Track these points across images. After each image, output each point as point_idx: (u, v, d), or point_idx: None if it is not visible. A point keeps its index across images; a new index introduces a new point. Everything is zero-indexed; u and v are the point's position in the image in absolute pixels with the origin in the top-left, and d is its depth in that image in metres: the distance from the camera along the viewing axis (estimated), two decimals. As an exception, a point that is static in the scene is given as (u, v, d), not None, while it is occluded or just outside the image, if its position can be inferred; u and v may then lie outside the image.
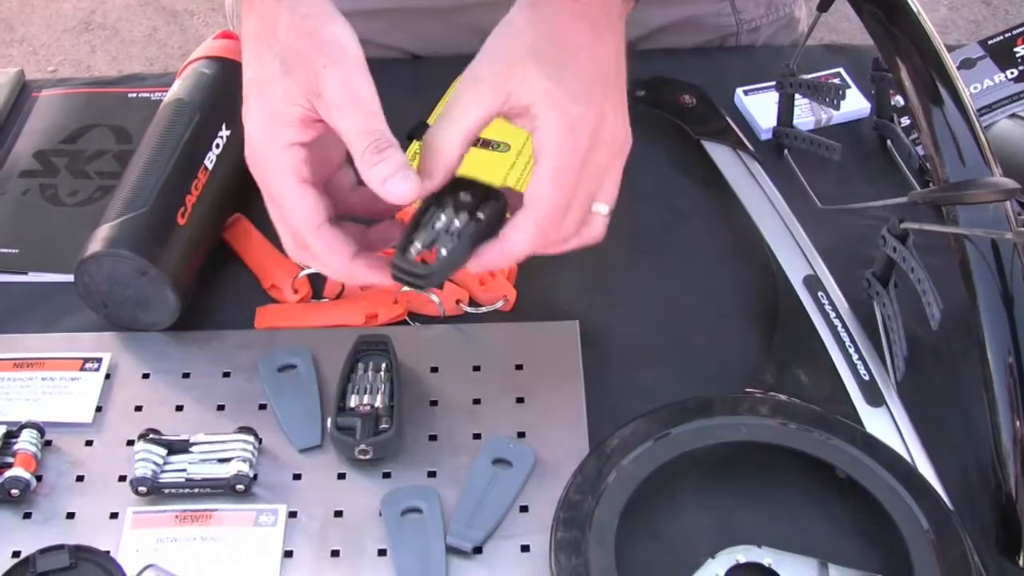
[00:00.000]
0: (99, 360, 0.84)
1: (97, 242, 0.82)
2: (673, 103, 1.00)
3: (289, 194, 0.68)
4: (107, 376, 0.83)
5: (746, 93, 1.04)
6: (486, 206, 0.69)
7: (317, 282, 0.88)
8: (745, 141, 0.97)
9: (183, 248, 0.84)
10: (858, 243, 0.89)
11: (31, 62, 2.75)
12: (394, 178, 0.65)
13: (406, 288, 0.70)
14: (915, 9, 0.87)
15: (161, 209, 0.84)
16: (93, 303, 0.85)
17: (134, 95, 1.05)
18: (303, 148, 0.68)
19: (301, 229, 0.69)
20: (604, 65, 0.69)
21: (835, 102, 0.91)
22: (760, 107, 1.02)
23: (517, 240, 0.68)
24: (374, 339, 0.81)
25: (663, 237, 0.93)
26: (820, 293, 0.84)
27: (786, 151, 0.98)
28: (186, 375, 0.83)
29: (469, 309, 0.86)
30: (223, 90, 0.93)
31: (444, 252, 0.67)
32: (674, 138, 0.99)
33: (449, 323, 0.86)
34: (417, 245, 0.68)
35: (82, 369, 0.83)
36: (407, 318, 0.86)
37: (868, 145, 1.01)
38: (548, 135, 0.66)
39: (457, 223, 0.68)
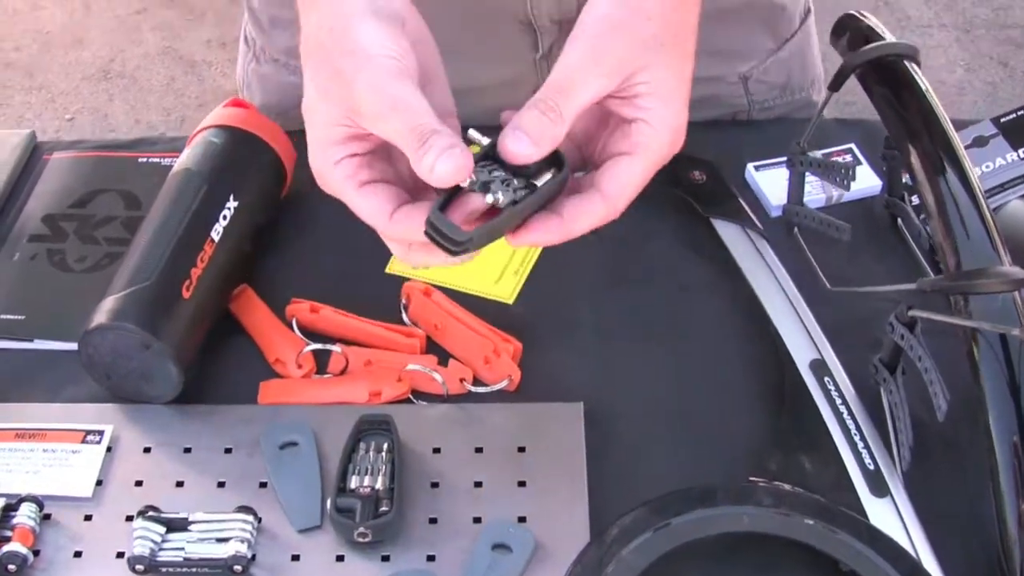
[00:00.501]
0: (101, 433, 0.83)
1: (102, 314, 0.82)
2: (684, 179, 1.00)
3: (352, 201, 0.67)
4: (108, 449, 0.83)
5: (757, 169, 1.03)
6: (547, 174, 0.65)
7: (321, 357, 0.88)
8: (754, 219, 0.96)
9: (187, 322, 0.84)
10: (867, 324, 0.88)
11: (49, 109, 2.77)
12: (439, 160, 0.61)
13: (435, 261, 0.67)
14: (925, 90, 0.86)
15: (166, 282, 0.84)
16: (97, 374, 0.85)
17: (144, 160, 1.05)
18: (356, 157, 0.67)
19: (376, 225, 0.67)
20: (692, 68, 0.69)
21: (845, 182, 0.91)
22: (771, 183, 1.02)
23: (581, 226, 0.66)
24: (376, 419, 0.81)
25: (670, 315, 0.92)
26: (826, 378, 0.83)
27: (796, 229, 0.97)
28: (187, 450, 0.83)
29: (473, 388, 0.86)
30: (232, 160, 0.93)
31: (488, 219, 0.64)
32: (684, 214, 0.99)
33: (453, 402, 0.85)
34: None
35: (83, 441, 0.83)
36: (411, 396, 0.85)
37: (879, 223, 1.00)
38: (654, 134, 0.65)
39: (509, 193, 0.64)
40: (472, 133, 0.66)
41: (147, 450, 0.83)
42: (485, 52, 0.98)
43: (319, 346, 0.87)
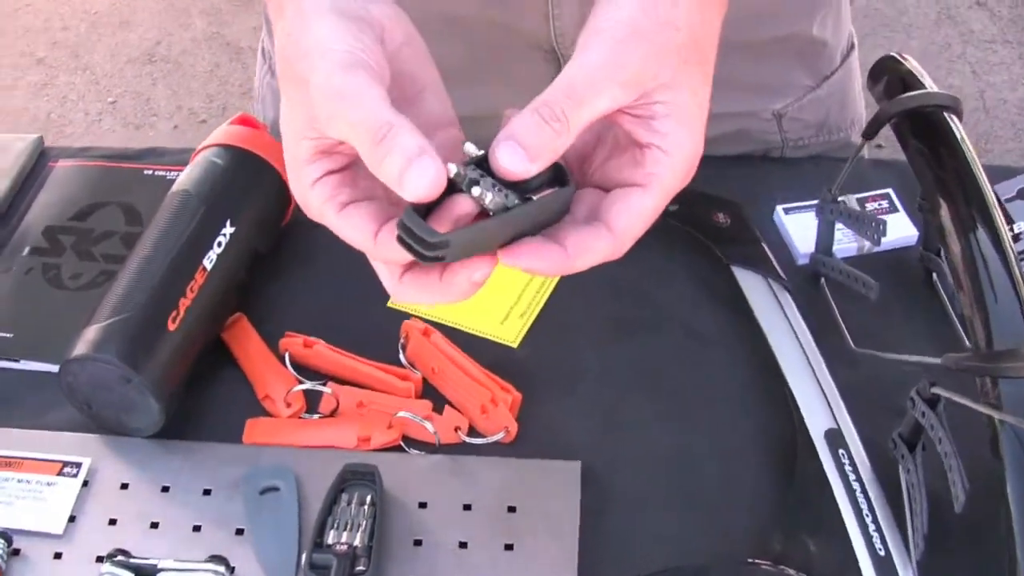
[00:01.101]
0: (78, 465, 0.80)
1: (82, 344, 0.79)
2: (706, 222, 0.95)
3: (334, 225, 0.60)
4: (85, 483, 0.80)
5: (786, 212, 0.98)
6: (545, 190, 0.58)
7: (312, 395, 0.84)
8: (778, 269, 0.91)
9: (170, 355, 0.80)
10: (891, 390, 0.82)
11: (92, 91, 2.76)
12: (409, 170, 0.53)
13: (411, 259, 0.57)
14: (963, 146, 0.81)
15: (151, 313, 0.80)
16: (77, 403, 0.82)
17: (150, 172, 1.02)
18: (334, 175, 0.60)
19: (364, 249, 0.60)
20: (709, 94, 0.62)
21: (876, 237, 0.85)
22: (800, 228, 0.97)
23: (584, 261, 0.59)
24: (361, 469, 0.77)
25: (680, 368, 0.87)
26: (841, 451, 0.78)
27: (822, 280, 0.92)
28: (166, 488, 0.79)
29: (467, 439, 0.81)
30: (232, 183, 0.89)
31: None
32: (703, 258, 0.94)
33: (445, 452, 0.81)
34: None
35: (59, 473, 0.80)
36: (402, 443, 0.81)
37: (913, 276, 0.94)
38: (669, 165, 0.58)
39: (500, 198, 0.56)
40: (468, 147, 0.57)
41: (124, 486, 0.80)
42: (506, 79, 0.93)
43: (309, 386, 0.83)
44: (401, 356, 0.86)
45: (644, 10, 0.59)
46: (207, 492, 0.79)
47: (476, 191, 0.55)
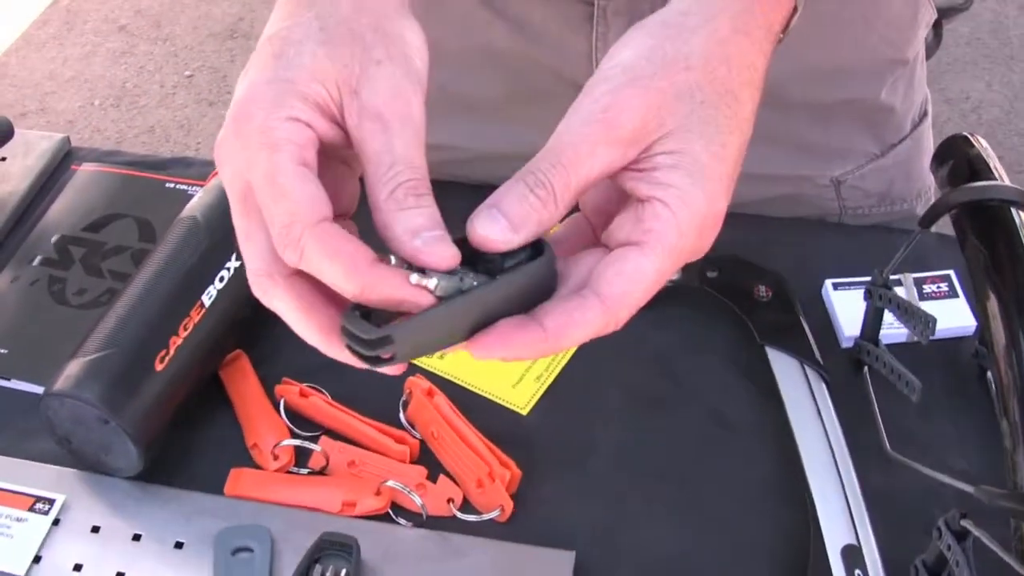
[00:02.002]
0: (51, 502, 0.77)
1: (63, 379, 0.75)
2: (745, 294, 0.88)
3: (283, 172, 0.49)
4: (56, 521, 0.76)
5: (835, 287, 0.91)
6: (518, 264, 0.51)
7: (302, 449, 0.79)
8: (816, 354, 0.84)
9: (155, 397, 0.76)
10: (923, 501, 0.76)
11: (170, 63, 2.74)
12: (428, 236, 0.48)
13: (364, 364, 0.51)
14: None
15: (138, 351, 0.76)
16: (56, 438, 0.78)
17: (171, 185, 0.98)
18: (308, 130, 0.50)
19: (298, 219, 0.48)
20: (742, 142, 0.54)
21: (924, 334, 0.78)
22: (848, 306, 0.90)
23: (570, 339, 0.51)
24: (339, 540, 0.72)
25: (697, 454, 0.81)
26: (857, 572, 0.72)
27: (865, 369, 0.85)
28: (137, 537, 0.75)
29: (459, 513, 0.76)
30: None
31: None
32: (737, 333, 0.87)
33: (433, 527, 0.76)
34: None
35: (31, 509, 0.76)
36: (390, 511, 0.76)
37: (966, 371, 0.87)
38: (671, 221, 0.50)
39: (453, 282, 0.49)
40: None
41: (95, 529, 0.76)
42: (545, 117, 0.87)
43: (298, 443, 0.79)
44: (401, 415, 0.81)
45: (650, 50, 0.52)
46: (179, 545, 0.75)
47: (415, 278, 0.49)
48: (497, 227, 0.49)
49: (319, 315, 0.51)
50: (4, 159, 1.00)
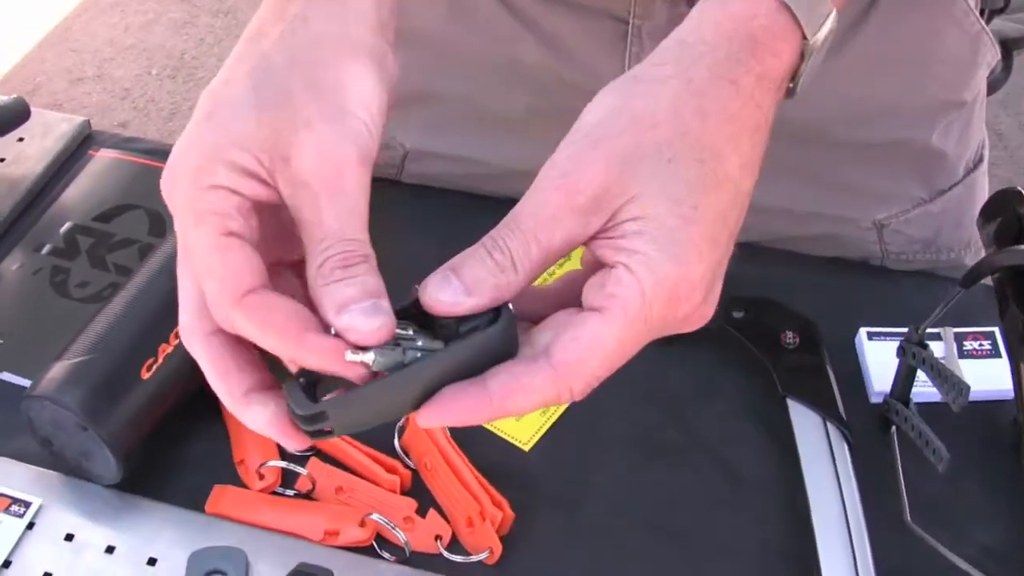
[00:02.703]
0: (27, 505, 0.74)
1: (46, 382, 0.72)
2: (770, 338, 0.83)
3: (205, 247, 0.47)
4: (30, 525, 0.73)
5: (870, 336, 0.86)
6: (475, 327, 0.47)
7: (289, 475, 0.76)
8: (840, 411, 0.79)
9: (137, 408, 0.73)
10: (943, 577, 0.72)
11: (231, 37, 2.71)
12: (357, 308, 0.45)
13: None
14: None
15: (124, 358, 0.73)
16: (38, 439, 0.75)
17: (189, 179, 0.95)
18: (236, 197, 0.47)
19: (224, 294, 0.46)
20: (740, 201, 0.50)
21: (956, 402, 0.73)
22: (881, 359, 0.85)
23: (515, 405, 0.47)
24: (314, 572, 0.69)
25: (702, 506, 0.77)
26: (860, 655, 0.67)
27: (893, 429, 0.80)
28: (110, 549, 0.72)
29: (446, 552, 0.72)
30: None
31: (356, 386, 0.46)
32: (757, 381, 0.82)
33: (416, 566, 0.72)
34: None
35: (6, 510, 0.74)
36: (374, 543, 0.73)
37: (1001, 439, 0.81)
38: (634, 287, 0.46)
39: (400, 348, 0.46)
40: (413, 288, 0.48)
41: (69, 537, 0.73)
42: (564, 136, 0.84)
43: (285, 464, 0.75)
44: (396, 441, 0.77)
45: (617, 109, 0.48)
46: (152, 562, 0.72)
47: (350, 354, 0.45)
48: (448, 290, 0.46)
49: (232, 380, 0.49)
50: (22, 139, 0.98)
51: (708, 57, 0.49)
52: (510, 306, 0.48)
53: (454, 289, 0.46)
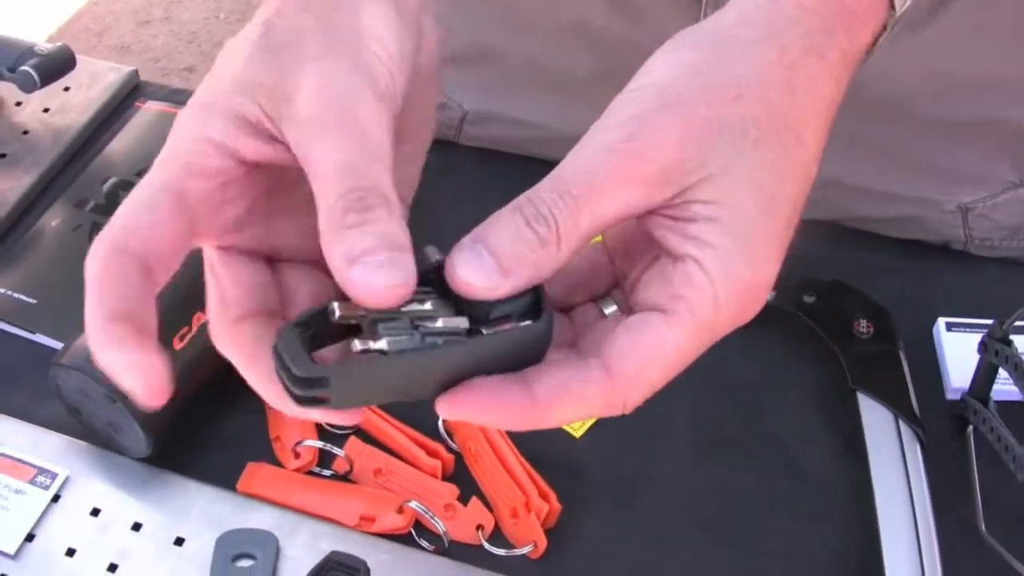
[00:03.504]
0: (53, 476, 0.71)
1: (73, 351, 0.69)
2: (843, 327, 0.78)
3: (143, 188, 0.41)
4: (56, 497, 0.70)
5: (949, 328, 0.80)
6: (507, 314, 0.41)
7: (326, 453, 0.72)
8: (914, 407, 0.74)
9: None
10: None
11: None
12: (371, 259, 0.38)
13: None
14: None
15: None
16: (66, 407, 0.72)
17: (236, 136, 0.91)
18: (220, 156, 0.42)
19: (102, 238, 0.42)
20: (808, 189, 0.44)
21: (1040, 405, 0.68)
22: (960, 352, 0.79)
23: (561, 415, 0.41)
24: (348, 562, 0.65)
25: (763, 505, 0.72)
26: (928, 676, 0.62)
27: (969, 429, 0.75)
28: (137, 526, 0.69)
29: (488, 545, 0.69)
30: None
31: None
32: (827, 372, 0.77)
33: (456, 558, 0.68)
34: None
35: (31, 481, 0.71)
36: (412, 531, 0.69)
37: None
38: (707, 289, 0.41)
39: (419, 332, 0.40)
40: (429, 251, 0.41)
41: (95, 512, 0.70)
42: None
43: (322, 445, 0.71)
44: (440, 423, 0.73)
45: (693, 68, 0.42)
46: (179, 542, 0.69)
47: (358, 344, 0.39)
48: (482, 269, 0.40)
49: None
50: (67, 89, 0.95)
51: (803, 25, 0.43)
52: (547, 296, 0.42)
53: (487, 269, 0.39)
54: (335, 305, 0.40)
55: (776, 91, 0.42)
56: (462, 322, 0.40)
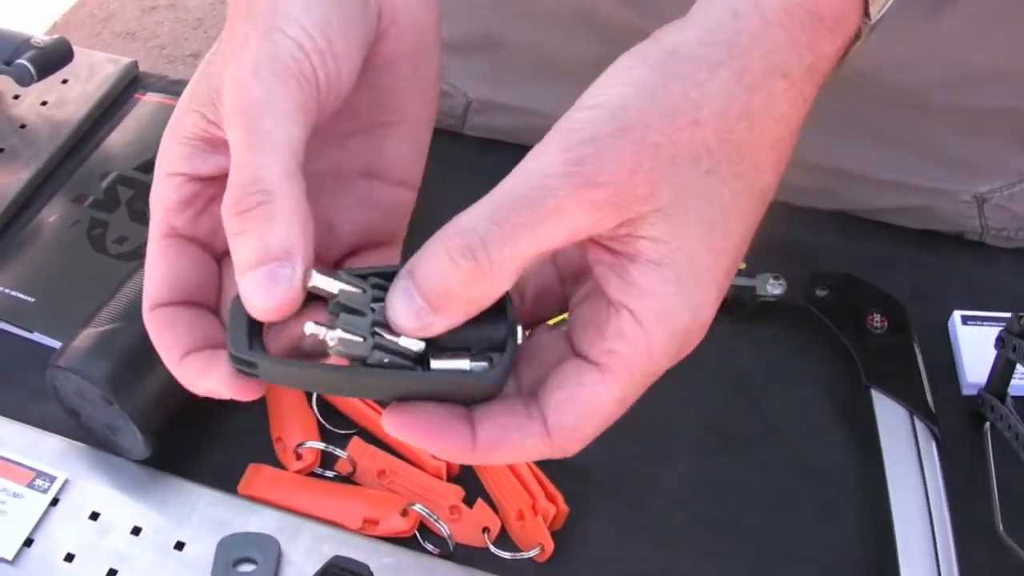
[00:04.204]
0: (52, 479, 0.70)
1: (70, 352, 0.68)
2: (856, 321, 0.76)
3: (149, 245, 0.44)
4: (54, 501, 0.69)
5: (964, 321, 0.79)
6: (466, 355, 0.40)
7: (329, 453, 0.71)
8: (930, 404, 0.72)
9: (168, 380, 0.66)
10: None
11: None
12: (251, 276, 0.38)
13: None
14: None
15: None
16: (64, 408, 0.71)
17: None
18: (191, 183, 0.43)
19: (144, 305, 0.44)
20: (753, 224, 0.42)
21: (1059, 401, 0.66)
22: (977, 346, 0.77)
23: (499, 457, 0.41)
24: (350, 567, 0.64)
25: (774, 504, 0.71)
26: None
27: (987, 426, 0.73)
28: (136, 531, 0.68)
29: (494, 548, 0.67)
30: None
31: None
32: (839, 367, 0.76)
33: (462, 561, 0.67)
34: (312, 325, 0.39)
35: (30, 484, 0.70)
36: (416, 534, 0.68)
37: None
38: (642, 345, 0.39)
39: (360, 348, 0.39)
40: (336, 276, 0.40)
41: (94, 516, 0.69)
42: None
43: (324, 447, 0.70)
44: (444, 423, 0.72)
45: (650, 91, 0.39)
46: (179, 546, 0.67)
47: (311, 326, 0.38)
48: (412, 309, 0.38)
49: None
50: (65, 82, 0.93)
51: (764, 40, 0.40)
52: (518, 333, 0.40)
53: (417, 308, 0.38)
54: (312, 272, 0.39)
55: (733, 116, 0.39)
56: (417, 345, 0.39)
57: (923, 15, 0.69)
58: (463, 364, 0.39)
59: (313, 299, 0.40)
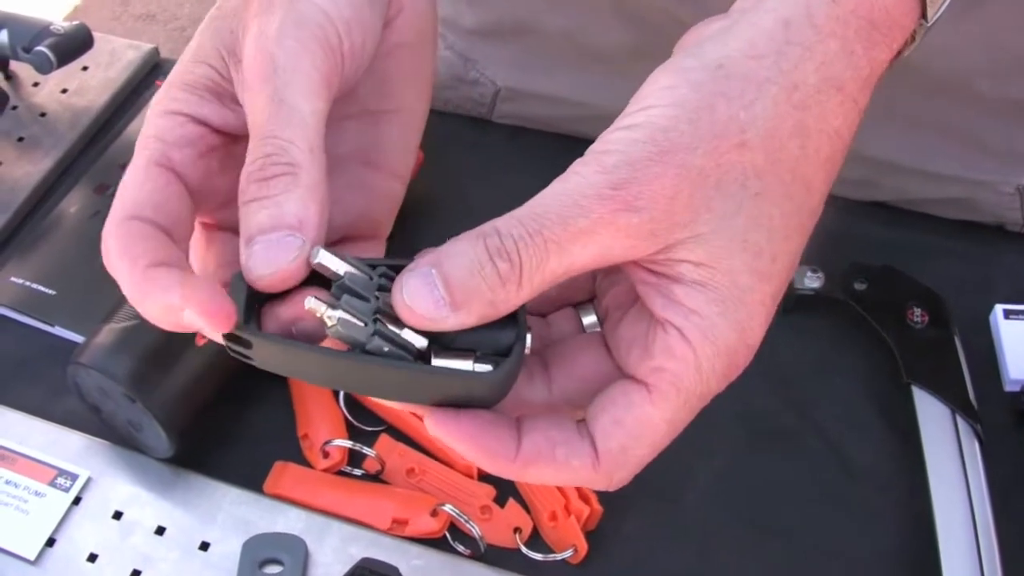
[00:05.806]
0: (74, 477, 0.69)
1: (91, 349, 0.66)
2: (896, 316, 0.74)
3: (134, 168, 0.40)
4: (76, 500, 0.68)
5: (1007, 315, 0.76)
6: (471, 356, 0.38)
7: (356, 454, 0.69)
8: (972, 401, 0.70)
9: (192, 377, 0.67)
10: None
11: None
12: (262, 239, 0.37)
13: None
14: None
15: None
16: (86, 405, 0.70)
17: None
18: (196, 125, 0.41)
19: (111, 218, 0.40)
20: (801, 244, 0.40)
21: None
22: (1020, 341, 0.75)
23: (541, 474, 0.38)
24: (379, 570, 0.63)
25: (812, 501, 0.69)
26: None
27: (1029, 422, 0.71)
28: (160, 530, 0.67)
29: (526, 549, 0.66)
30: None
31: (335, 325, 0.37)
32: (879, 364, 0.74)
33: (493, 562, 0.65)
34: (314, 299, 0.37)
35: (52, 483, 0.68)
36: (447, 534, 0.66)
37: None
38: (691, 364, 0.37)
39: (361, 334, 0.37)
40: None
41: (117, 515, 0.68)
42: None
43: (351, 445, 0.69)
44: (474, 420, 0.70)
45: (694, 110, 0.36)
46: (204, 546, 0.66)
47: (312, 301, 0.36)
48: (430, 297, 0.36)
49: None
50: (86, 68, 0.91)
51: (817, 52, 0.37)
52: (527, 340, 0.38)
53: (436, 298, 0.36)
54: (318, 249, 0.37)
55: (784, 136, 0.37)
56: (420, 341, 0.37)
57: (969, 5, 0.66)
58: (466, 364, 0.37)
59: (314, 284, 0.38)
